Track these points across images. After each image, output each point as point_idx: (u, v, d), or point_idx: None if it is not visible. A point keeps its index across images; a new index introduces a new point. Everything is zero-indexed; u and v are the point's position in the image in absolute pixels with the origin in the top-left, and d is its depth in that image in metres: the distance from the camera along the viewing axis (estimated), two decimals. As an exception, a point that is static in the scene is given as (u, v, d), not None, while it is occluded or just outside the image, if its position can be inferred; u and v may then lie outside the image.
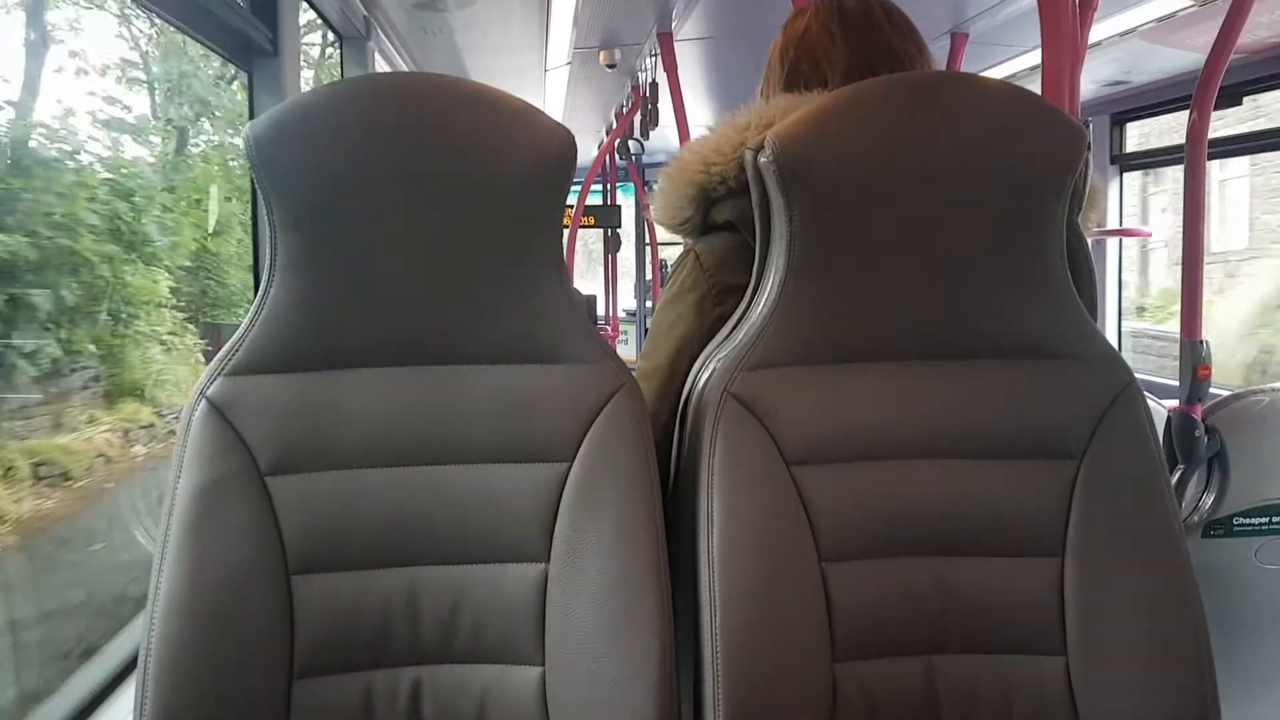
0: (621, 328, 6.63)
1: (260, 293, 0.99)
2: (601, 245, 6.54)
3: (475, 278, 0.99)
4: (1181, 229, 2.05)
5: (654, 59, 3.41)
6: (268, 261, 0.99)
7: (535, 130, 0.99)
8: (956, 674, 1.03)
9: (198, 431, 0.98)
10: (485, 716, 1.00)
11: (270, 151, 0.96)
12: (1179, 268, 2.03)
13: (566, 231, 4.99)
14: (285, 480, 0.98)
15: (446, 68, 3.66)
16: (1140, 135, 3.99)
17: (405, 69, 3.44)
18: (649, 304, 6.69)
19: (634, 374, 1.06)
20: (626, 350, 6.88)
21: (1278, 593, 1.83)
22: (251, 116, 2.04)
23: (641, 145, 4.46)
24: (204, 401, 0.98)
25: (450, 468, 1.00)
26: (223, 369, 0.99)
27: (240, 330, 1.00)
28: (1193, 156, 2.03)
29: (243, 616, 0.96)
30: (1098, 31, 2.75)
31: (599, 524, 0.98)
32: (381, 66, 3.07)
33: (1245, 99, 3.15)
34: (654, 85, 3.63)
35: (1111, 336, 4.03)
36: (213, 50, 1.99)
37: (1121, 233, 3.90)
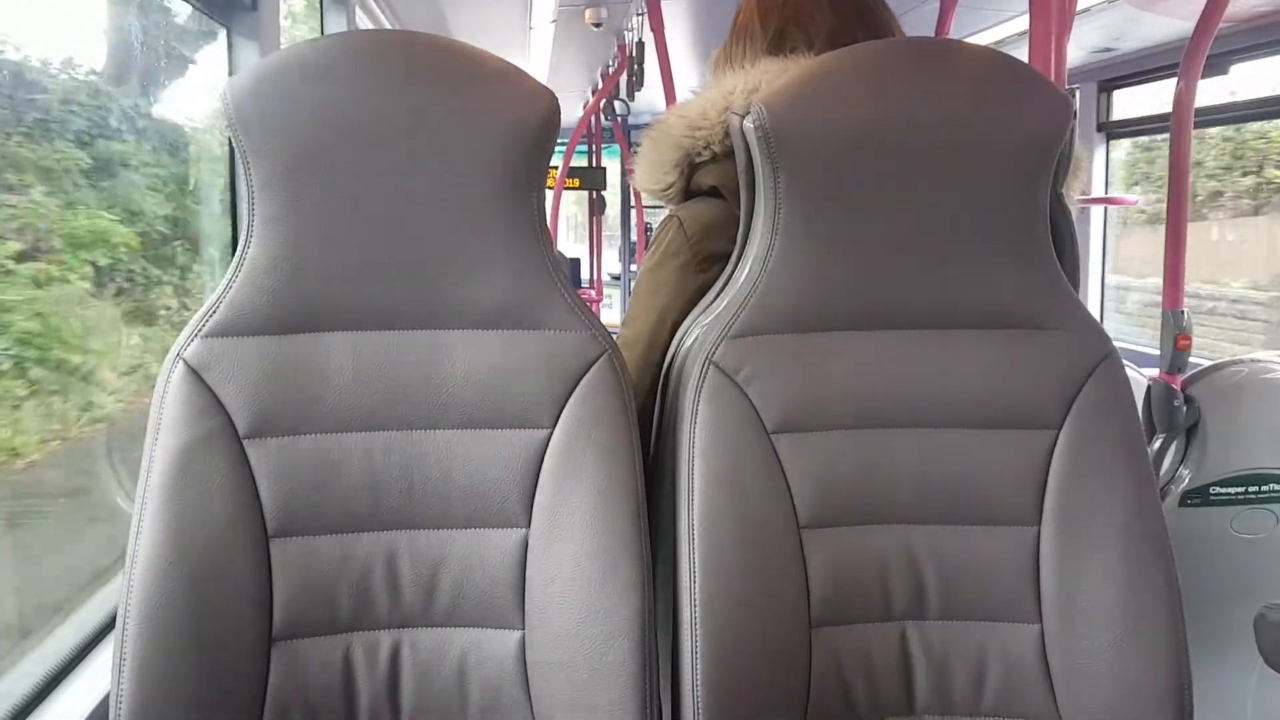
0: (606, 291, 6.61)
1: (238, 254, 0.98)
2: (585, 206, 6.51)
3: (455, 241, 0.98)
4: (1166, 198, 2.05)
5: (640, 18, 3.36)
6: (245, 222, 0.97)
7: (518, 92, 0.98)
8: (931, 640, 1.04)
9: (175, 393, 0.97)
10: (465, 679, 1.00)
11: (248, 109, 0.95)
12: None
13: (550, 194, 4.95)
14: (263, 443, 0.98)
15: (428, 23, 3.60)
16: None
17: (386, 23, 3.39)
18: (633, 267, 6.66)
19: (616, 340, 1.05)
20: (610, 314, 6.86)
21: (1252, 562, 1.86)
22: (230, 73, 2.00)
23: (627, 106, 4.43)
24: (181, 363, 0.97)
25: (430, 432, 1.00)
26: (199, 330, 0.97)
27: (217, 291, 0.98)
28: (1179, 125, 2.03)
29: (221, 578, 0.95)
30: (1087, -3, 2.74)
31: (580, 490, 0.98)
32: (361, 20, 3.01)
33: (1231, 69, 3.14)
34: (640, 45, 3.59)
35: (1094, 305, 4.05)
36: (190, 3, 1.95)
37: (1106, 201, 3.90)
